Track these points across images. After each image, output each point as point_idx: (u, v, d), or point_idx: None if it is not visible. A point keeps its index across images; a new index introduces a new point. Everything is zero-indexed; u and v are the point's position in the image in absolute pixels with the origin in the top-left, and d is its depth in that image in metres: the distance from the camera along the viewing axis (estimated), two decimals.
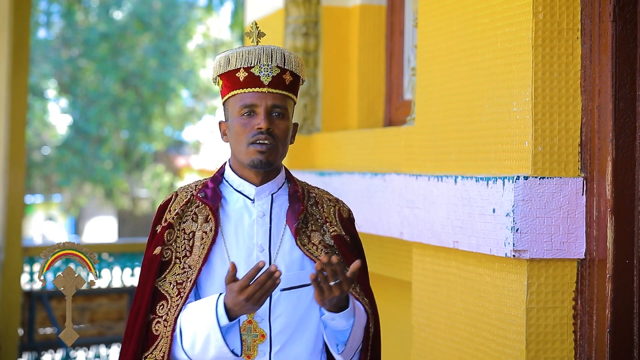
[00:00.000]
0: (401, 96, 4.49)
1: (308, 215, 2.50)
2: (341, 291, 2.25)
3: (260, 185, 2.48)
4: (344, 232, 2.52)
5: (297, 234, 2.45)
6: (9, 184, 6.95)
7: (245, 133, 2.42)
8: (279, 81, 2.44)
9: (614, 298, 2.71)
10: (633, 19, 2.74)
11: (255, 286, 2.24)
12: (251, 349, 2.41)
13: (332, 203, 2.56)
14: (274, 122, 2.43)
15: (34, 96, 15.53)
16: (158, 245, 2.48)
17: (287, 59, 2.47)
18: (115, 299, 7.44)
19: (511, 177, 2.78)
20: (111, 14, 15.98)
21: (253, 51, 2.45)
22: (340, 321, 2.36)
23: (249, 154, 2.42)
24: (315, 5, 4.78)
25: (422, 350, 3.41)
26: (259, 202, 2.49)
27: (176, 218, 2.49)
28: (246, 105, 2.43)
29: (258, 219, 2.48)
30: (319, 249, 2.45)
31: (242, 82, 2.44)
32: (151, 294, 2.45)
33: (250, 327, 2.41)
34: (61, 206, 19.90)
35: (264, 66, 2.44)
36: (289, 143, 2.50)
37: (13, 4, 6.93)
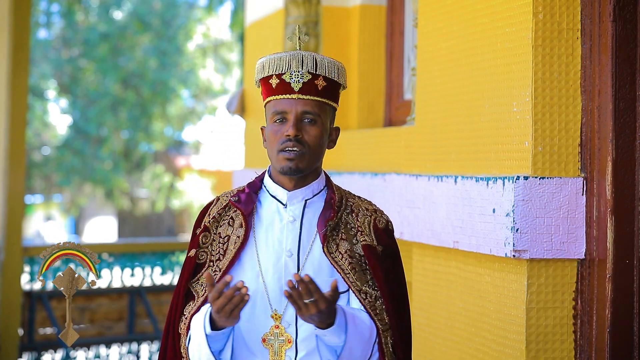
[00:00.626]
0: (401, 96, 4.49)
1: (341, 223, 2.49)
2: (318, 309, 2.24)
3: (293, 191, 2.49)
4: (376, 242, 2.50)
5: (325, 241, 2.45)
6: (9, 184, 6.95)
7: (276, 140, 2.43)
8: (311, 87, 2.44)
9: (614, 298, 2.71)
10: (633, 19, 2.74)
11: (223, 300, 2.26)
12: (278, 354, 2.42)
13: (368, 213, 2.54)
14: (304, 129, 2.43)
15: (34, 96, 15.53)
16: (194, 247, 2.51)
17: (319, 64, 2.46)
18: (115, 299, 7.43)
19: (511, 177, 2.78)
20: (111, 14, 15.99)
21: (284, 57, 2.46)
22: (331, 337, 2.36)
23: (278, 161, 2.43)
24: (315, 5, 4.78)
25: (422, 350, 3.41)
26: (291, 207, 2.49)
27: (213, 222, 2.51)
28: (278, 112, 2.44)
29: (288, 224, 2.48)
30: (344, 258, 2.44)
31: (274, 88, 2.45)
32: (184, 295, 2.49)
33: (278, 332, 2.43)
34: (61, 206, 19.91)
35: (295, 72, 2.44)
36: (324, 149, 2.49)
37: (13, 4, 6.93)
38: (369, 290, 2.44)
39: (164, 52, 16.05)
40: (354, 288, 2.42)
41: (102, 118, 15.84)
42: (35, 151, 16.54)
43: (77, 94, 16.07)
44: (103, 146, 16.15)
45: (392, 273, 2.50)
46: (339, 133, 2.55)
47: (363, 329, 2.40)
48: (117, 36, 15.78)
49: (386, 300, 2.45)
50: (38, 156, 16.64)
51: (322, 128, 2.46)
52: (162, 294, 7.56)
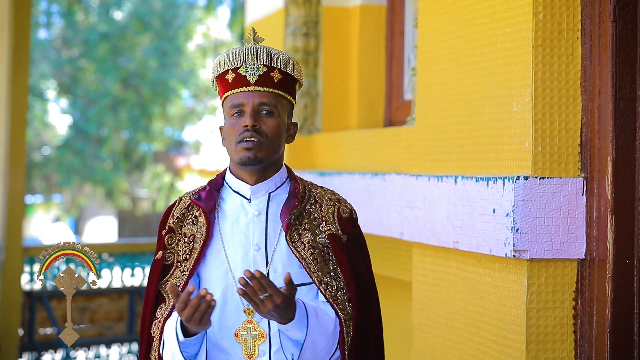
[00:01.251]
0: (401, 96, 4.49)
1: (304, 213, 2.50)
2: (274, 304, 2.25)
3: (256, 184, 2.49)
4: (341, 231, 2.50)
5: (288, 230, 2.45)
6: (9, 184, 6.94)
7: (234, 132, 2.45)
8: (267, 79, 2.45)
9: (614, 298, 2.71)
10: (633, 19, 2.74)
11: (190, 309, 2.27)
12: (251, 348, 2.42)
13: (332, 203, 2.55)
14: (262, 120, 2.44)
15: (33, 96, 15.53)
16: (160, 249, 2.52)
17: (274, 57, 2.48)
18: (116, 299, 7.43)
19: (511, 177, 2.78)
20: (111, 14, 15.98)
21: (239, 51, 2.48)
22: (294, 332, 2.36)
23: (237, 152, 2.44)
24: (316, 5, 4.78)
25: (422, 350, 3.41)
26: (255, 201, 2.50)
27: (177, 222, 2.52)
28: (235, 105, 2.45)
29: (254, 218, 2.48)
30: (306, 248, 2.44)
31: (231, 83, 2.47)
32: (155, 297, 2.50)
33: (250, 326, 2.42)
34: (61, 206, 19.90)
35: (250, 65, 2.46)
36: (282, 141, 2.50)
37: (13, 4, 6.93)
38: (330, 281, 2.44)
39: (164, 52, 16.04)
40: (315, 279, 2.42)
41: (102, 118, 15.83)
42: (35, 151, 16.53)
43: (77, 94, 16.06)
44: (103, 146, 16.14)
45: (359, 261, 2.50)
46: (297, 128, 2.56)
47: (327, 322, 2.40)
48: (117, 36, 15.77)
49: (351, 290, 2.45)
50: (38, 156, 16.64)
51: (279, 119, 2.46)
52: None
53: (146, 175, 18.06)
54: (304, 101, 4.76)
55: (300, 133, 4.73)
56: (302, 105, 4.77)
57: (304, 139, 4.75)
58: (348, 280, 2.45)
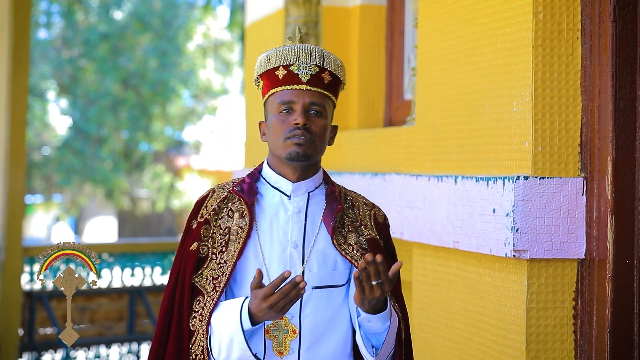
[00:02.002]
0: (401, 96, 4.49)
1: (345, 216, 2.50)
2: (382, 291, 2.25)
3: (297, 182, 2.49)
4: (379, 236, 2.51)
5: (334, 233, 2.45)
6: (9, 184, 6.95)
7: (282, 129, 2.43)
8: (318, 79, 2.45)
9: (614, 298, 2.71)
10: (633, 19, 2.74)
11: (279, 295, 2.25)
12: (282, 345, 2.41)
13: (367, 207, 2.56)
14: (311, 119, 2.44)
15: (33, 97, 15.53)
16: (195, 241, 2.47)
17: (326, 59, 2.48)
18: (115, 299, 7.44)
19: (511, 177, 2.78)
20: (111, 14, 15.98)
21: (292, 49, 2.47)
22: (377, 323, 2.36)
23: (286, 146, 2.43)
24: (315, 5, 4.78)
25: (422, 350, 3.41)
26: (295, 198, 2.49)
27: (213, 214, 2.49)
28: (284, 102, 2.44)
29: (294, 215, 2.48)
30: (355, 249, 2.45)
31: (281, 80, 2.46)
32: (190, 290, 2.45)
33: (282, 323, 2.42)
34: (61, 206, 19.91)
35: (303, 64, 2.45)
36: (326, 141, 2.50)
37: (13, 4, 6.93)
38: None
39: (164, 52, 16.04)
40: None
41: (102, 118, 15.84)
42: (35, 151, 16.54)
43: (77, 94, 16.06)
44: (103, 146, 16.15)
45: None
46: (336, 131, 2.56)
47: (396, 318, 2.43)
48: (117, 36, 15.78)
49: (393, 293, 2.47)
50: (38, 156, 16.64)
51: (326, 120, 2.47)
52: (162, 294, 7.55)
53: (146, 175, 18.06)
54: None
55: None
56: None
57: None
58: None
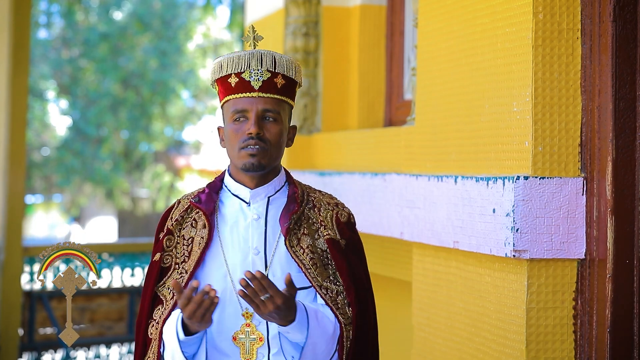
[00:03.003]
0: (401, 96, 4.49)
1: (303, 218, 2.50)
2: (275, 306, 2.24)
3: (255, 188, 2.49)
4: (339, 236, 2.50)
5: (288, 234, 2.45)
6: (9, 184, 6.95)
7: (237, 138, 2.44)
8: (270, 85, 2.45)
9: (614, 298, 2.71)
10: (633, 19, 2.74)
11: (193, 305, 2.26)
12: (250, 352, 2.42)
13: (330, 207, 2.55)
14: (265, 127, 2.43)
15: (33, 97, 15.53)
16: (158, 251, 2.51)
17: (278, 63, 2.47)
18: (115, 299, 7.44)
19: (511, 177, 2.78)
20: (111, 14, 15.98)
21: (243, 56, 2.46)
22: (294, 334, 2.36)
23: (240, 158, 2.44)
24: (316, 5, 4.78)
25: (422, 350, 3.41)
26: (254, 205, 2.49)
27: (175, 225, 2.52)
28: (238, 111, 2.44)
29: (253, 221, 2.48)
30: (305, 253, 2.44)
31: (234, 87, 2.45)
32: (151, 299, 2.50)
33: (249, 330, 2.42)
34: (61, 206, 19.90)
35: (254, 71, 2.44)
36: (283, 146, 2.49)
37: (13, 4, 6.93)
38: (330, 285, 2.44)
39: (164, 52, 16.04)
40: (315, 283, 2.42)
41: (102, 118, 15.84)
42: (35, 151, 16.53)
43: (77, 95, 16.06)
44: (103, 146, 16.15)
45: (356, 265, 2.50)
46: (295, 131, 2.56)
47: (326, 324, 2.39)
48: (117, 36, 15.78)
49: (351, 294, 2.45)
50: (38, 156, 16.64)
51: (282, 126, 2.46)
52: None
53: (146, 175, 18.06)
54: (304, 101, 4.76)
55: (300, 133, 4.74)
56: (302, 105, 4.77)
57: (304, 139, 4.75)
58: (347, 284, 2.46)
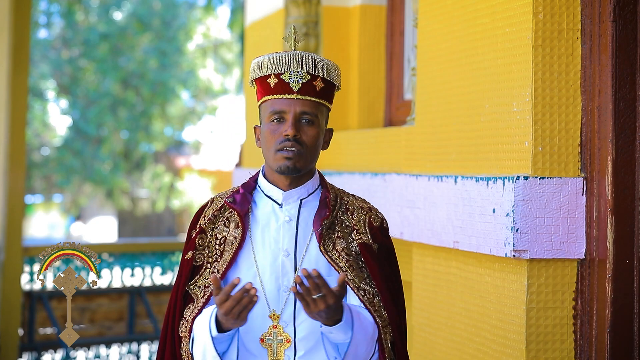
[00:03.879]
0: (401, 96, 4.49)
1: (336, 222, 2.49)
2: (326, 305, 2.24)
3: (288, 190, 2.49)
4: (372, 240, 2.50)
5: (322, 240, 2.45)
6: (9, 184, 6.95)
7: (273, 139, 2.43)
8: (310, 88, 2.44)
9: (614, 298, 2.71)
10: (633, 19, 2.74)
11: (232, 302, 2.26)
12: (277, 353, 2.42)
13: (363, 211, 2.54)
14: (303, 129, 2.43)
15: (33, 97, 15.53)
16: (190, 250, 2.51)
17: (318, 66, 2.46)
18: (115, 299, 7.44)
19: (511, 177, 2.78)
20: (111, 14, 15.99)
21: (284, 57, 2.45)
22: (338, 334, 2.36)
23: (276, 160, 2.43)
24: (316, 5, 4.78)
25: (422, 350, 3.41)
26: (286, 207, 2.49)
27: (208, 224, 2.51)
28: (275, 112, 2.44)
29: (285, 223, 2.48)
30: (342, 256, 2.44)
31: (272, 88, 2.45)
32: (182, 297, 2.49)
33: (276, 332, 2.43)
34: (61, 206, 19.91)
35: (294, 72, 2.44)
36: (319, 149, 2.49)
37: (13, 4, 6.93)
38: (366, 287, 2.45)
39: (163, 53, 16.05)
40: (352, 285, 2.42)
41: (102, 118, 15.84)
42: (35, 151, 16.53)
43: (77, 94, 16.07)
44: (103, 146, 16.15)
45: (388, 271, 2.50)
46: (332, 135, 2.56)
47: (367, 326, 2.40)
48: (117, 36, 15.78)
49: (385, 297, 2.46)
50: (38, 156, 16.64)
51: (319, 129, 2.46)
52: (162, 294, 7.56)
53: (146, 175, 18.06)
54: None
55: None
56: None
57: None
58: (380, 288, 2.46)
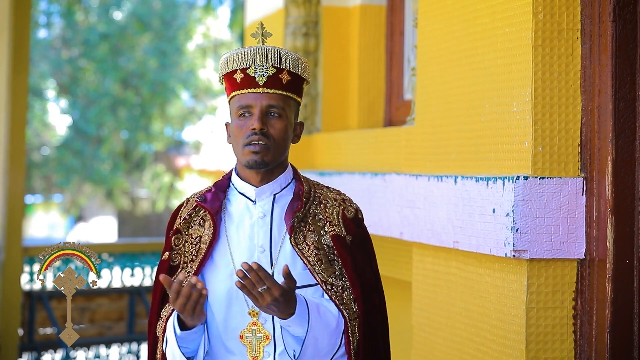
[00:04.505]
0: (401, 96, 4.49)
1: (309, 215, 2.49)
2: (272, 297, 2.23)
3: (261, 186, 2.49)
4: (345, 232, 2.49)
5: (293, 232, 2.45)
6: (9, 184, 6.95)
7: (241, 134, 2.43)
8: (276, 81, 2.44)
9: (614, 298, 2.71)
10: (633, 19, 2.74)
11: (182, 299, 2.27)
12: (256, 350, 2.42)
13: (337, 203, 2.53)
14: (270, 122, 2.43)
15: (33, 96, 15.53)
16: (167, 250, 2.52)
17: (283, 58, 2.45)
18: (115, 299, 7.44)
19: (511, 177, 2.78)
20: (111, 14, 15.98)
21: (248, 52, 2.45)
22: (295, 327, 2.35)
23: (244, 155, 2.43)
24: (315, 5, 4.78)
25: (422, 350, 3.41)
26: (259, 203, 2.49)
27: (184, 223, 2.52)
28: (242, 107, 2.44)
29: (258, 219, 2.48)
30: (311, 249, 2.44)
31: (239, 83, 2.45)
32: (160, 298, 2.51)
33: (255, 328, 2.42)
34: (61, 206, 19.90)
35: (259, 66, 2.44)
36: (289, 142, 2.49)
37: (13, 4, 6.93)
38: (335, 281, 2.43)
39: (163, 52, 16.04)
40: (320, 279, 2.42)
41: (102, 118, 15.84)
42: (35, 151, 16.53)
43: (77, 94, 16.06)
44: (103, 146, 16.15)
45: (363, 261, 2.49)
46: (303, 128, 2.55)
47: (329, 318, 2.38)
48: (117, 36, 15.77)
49: (356, 290, 2.44)
50: (38, 156, 16.64)
51: (287, 122, 2.45)
52: None
53: (146, 175, 18.06)
54: (304, 101, 4.76)
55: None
56: (302, 105, 4.76)
57: (304, 139, 4.75)
58: (352, 281, 2.45)
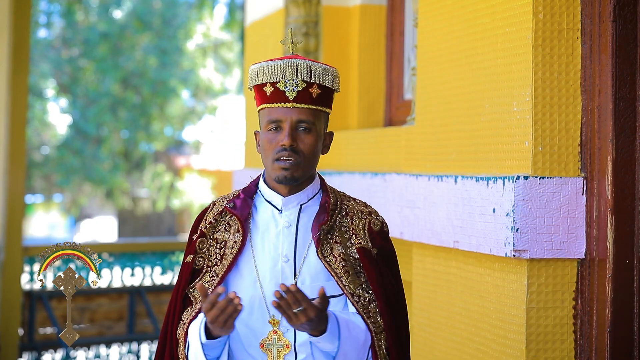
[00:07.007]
0: (401, 96, 4.49)
1: (335, 226, 2.49)
2: (307, 317, 2.24)
3: (288, 196, 2.48)
4: (371, 245, 2.49)
5: (319, 245, 2.44)
6: (9, 184, 6.95)
7: (271, 148, 2.43)
8: (306, 95, 2.43)
9: (614, 298, 2.71)
10: (633, 19, 2.74)
11: (216, 311, 2.26)
12: (277, 358, 2.42)
13: (363, 215, 2.53)
14: (299, 137, 2.42)
15: (33, 96, 15.52)
16: (190, 253, 2.51)
17: (313, 72, 2.44)
18: (115, 299, 7.44)
19: (511, 177, 2.78)
20: (111, 13, 15.98)
21: (279, 66, 2.44)
22: (325, 344, 2.36)
23: (274, 169, 2.43)
24: (316, 5, 4.78)
25: (422, 350, 3.41)
26: (286, 212, 2.49)
27: (209, 227, 2.51)
28: (272, 121, 2.43)
29: (284, 229, 2.48)
30: (338, 261, 2.44)
31: (269, 96, 2.44)
32: (182, 300, 2.50)
33: (276, 337, 2.43)
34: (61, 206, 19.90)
35: (289, 81, 2.42)
36: (318, 155, 2.49)
37: (13, 4, 6.93)
38: (362, 293, 2.43)
39: (164, 52, 16.04)
40: (347, 291, 2.42)
41: (102, 118, 15.83)
42: (35, 151, 16.53)
43: (77, 94, 16.07)
44: (103, 146, 16.15)
45: (387, 275, 2.49)
46: (332, 138, 2.55)
47: (357, 334, 2.39)
48: (117, 36, 15.77)
49: (380, 303, 2.44)
50: (38, 156, 16.64)
51: (316, 136, 2.45)
52: (162, 293, 7.56)
53: (146, 175, 18.06)
54: None
55: None
56: None
57: None
58: (377, 293, 2.45)
